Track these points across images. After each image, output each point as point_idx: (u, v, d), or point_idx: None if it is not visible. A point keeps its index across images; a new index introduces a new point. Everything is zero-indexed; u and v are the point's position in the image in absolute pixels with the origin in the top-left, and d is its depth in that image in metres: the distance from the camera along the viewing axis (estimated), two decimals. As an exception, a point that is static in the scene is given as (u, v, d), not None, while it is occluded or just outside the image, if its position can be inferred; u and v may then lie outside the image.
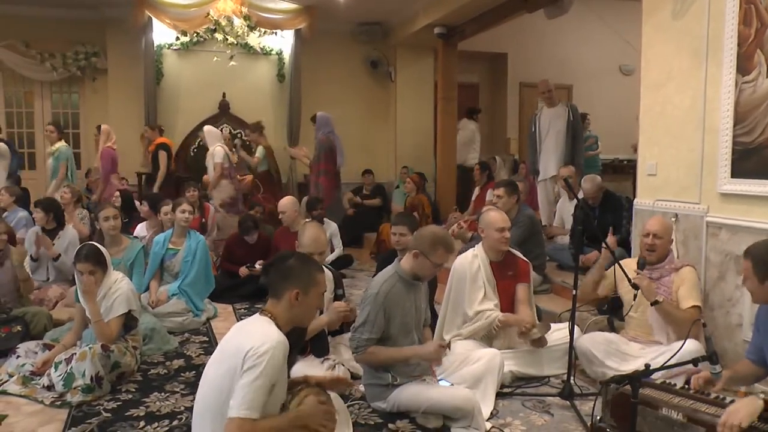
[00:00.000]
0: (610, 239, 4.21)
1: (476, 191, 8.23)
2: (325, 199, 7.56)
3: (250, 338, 2.20)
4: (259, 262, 5.96)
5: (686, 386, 2.79)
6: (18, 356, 3.82)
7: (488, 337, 3.84)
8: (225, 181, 7.66)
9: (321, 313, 3.69)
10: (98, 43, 9.15)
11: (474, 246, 4.13)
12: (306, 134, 9.75)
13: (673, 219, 4.12)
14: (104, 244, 4.20)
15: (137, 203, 7.05)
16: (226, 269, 6.21)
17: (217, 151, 7.63)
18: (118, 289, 3.78)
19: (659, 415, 2.60)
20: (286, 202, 6.12)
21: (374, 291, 3.15)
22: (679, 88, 4.15)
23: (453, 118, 9.38)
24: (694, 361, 2.65)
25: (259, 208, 7.86)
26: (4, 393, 3.56)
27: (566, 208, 6.18)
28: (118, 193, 6.90)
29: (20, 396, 3.52)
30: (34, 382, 3.62)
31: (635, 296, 3.57)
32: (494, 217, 3.93)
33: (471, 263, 3.90)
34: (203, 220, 7.08)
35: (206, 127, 8.20)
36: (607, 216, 5.32)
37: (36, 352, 3.85)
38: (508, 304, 3.91)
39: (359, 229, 8.98)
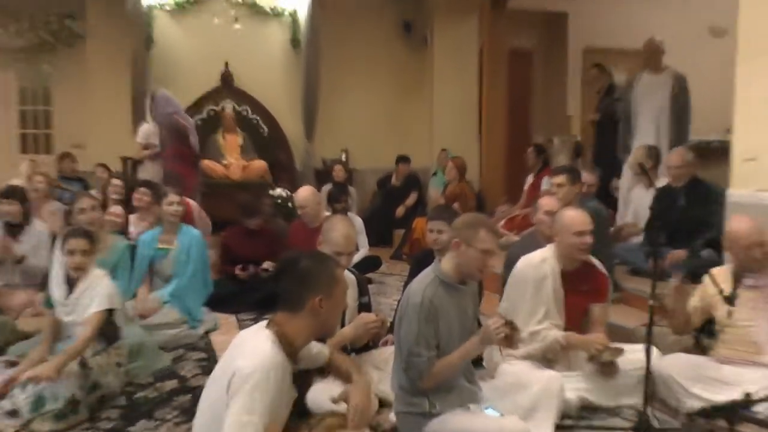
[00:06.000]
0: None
1: (529, 179, 8.17)
2: (187, 187, 7.18)
3: (240, 357, 2.21)
4: (267, 263, 5.97)
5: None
6: (-25, 376, 3.81)
7: (545, 359, 3.80)
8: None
9: (342, 325, 3.66)
10: (74, 3, 9.15)
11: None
12: (327, 112, 9.80)
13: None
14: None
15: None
16: (226, 272, 6.20)
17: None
18: (100, 284, 3.88)
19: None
20: (307, 195, 6.05)
21: (417, 300, 3.10)
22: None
23: (502, 91, 9.30)
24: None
25: (270, 201, 7.87)
26: (-42, 421, 3.57)
27: (642, 199, 6.06)
28: (120, 182, 6.82)
29: (-23, 425, 3.53)
30: (-5, 407, 3.61)
31: (729, 313, 3.51)
32: (572, 217, 3.82)
33: (537, 269, 3.82)
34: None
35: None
36: (694, 209, 5.22)
37: (-3, 371, 3.86)
38: (575, 325, 3.85)
39: (388, 224, 9.00)
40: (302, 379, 2.61)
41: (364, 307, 3.93)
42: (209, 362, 4.55)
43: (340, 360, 2.71)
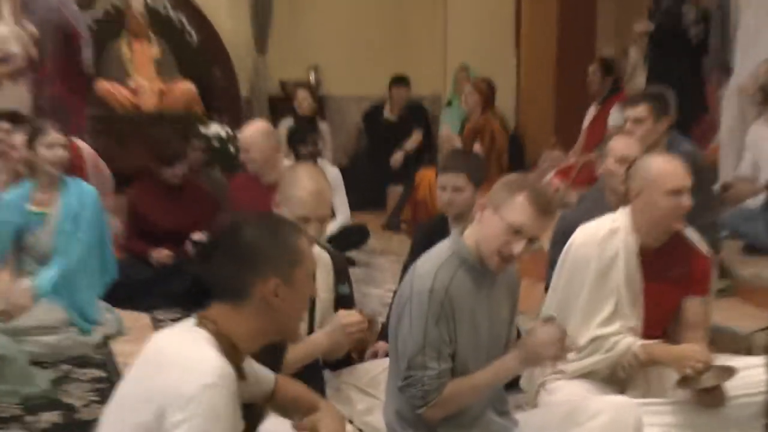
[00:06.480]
0: None
1: (591, 110, 8.20)
2: (75, 122, 7.21)
3: (171, 374, 2.16)
4: (198, 234, 5.98)
5: None
6: None
7: (614, 379, 3.78)
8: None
9: (310, 328, 3.68)
10: None
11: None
12: (287, 11, 9.85)
13: None
14: None
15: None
16: (133, 251, 6.22)
17: None
18: None
19: None
20: (257, 134, 6.08)
21: (425, 287, 3.07)
22: None
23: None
24: None
25: (201, 143, 7.82)
26: None
27: (763, 142, 6.04)
28: None
29: None
30: None
31: None
32: (664, 169, 3.74)
33: (603, 245, 3.77)
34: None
35: None
36: None
37: None
38: (660, 328, 3.83)
39: (379, 178, 9.05)
40: (252, 406, 2.58)
41: (344, 300, 3.92)
42: (110, 384, 4.49)
43: (291, 387, 2.65)
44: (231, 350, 2.27)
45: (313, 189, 3.72)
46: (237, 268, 2.33)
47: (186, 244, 6.06)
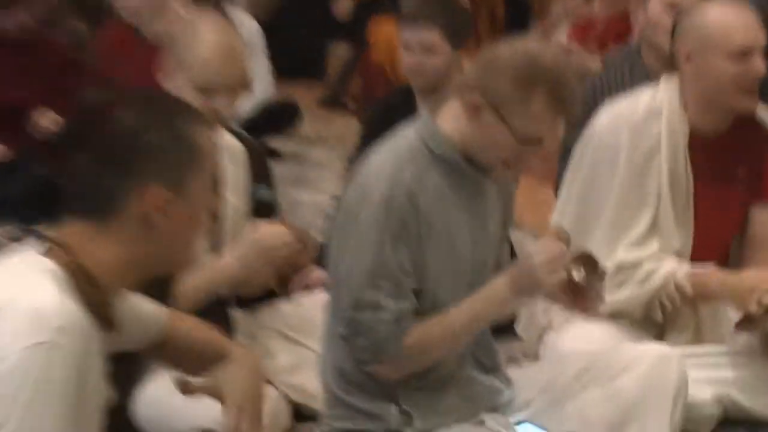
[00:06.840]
0: None
1: None
2: None
3: None
4: (46, 115, 5.86)
5: None
6: None
7: (650, 321, 3.86)
8: None
9: (216, 245, 3.70)
10: None
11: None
12: None
13: None
14: None
15: None
16: None
17: None
18: None
19: None
20: None
21: (380, 191, 3.08)
22: None
23: None
24: None
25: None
26: None
27: None
28: None
29: None
30: None
31: None
32: (728, 20, 3.78)
33: (639, 130, 3.82)
34: None
35: None
36: None
37: None
38: (717, 251, 3.89)
39: (315, 35, 9.12)
40: (124, 368, 2.54)
41: (263, 209, 3.97)
42: None
43: (190, 328, 2.62)
44: (90, 289, 2.22)
45: (218, 48, 3.73)
46: (106, 171, 2.26)
47: (29, 127, 5.98)
